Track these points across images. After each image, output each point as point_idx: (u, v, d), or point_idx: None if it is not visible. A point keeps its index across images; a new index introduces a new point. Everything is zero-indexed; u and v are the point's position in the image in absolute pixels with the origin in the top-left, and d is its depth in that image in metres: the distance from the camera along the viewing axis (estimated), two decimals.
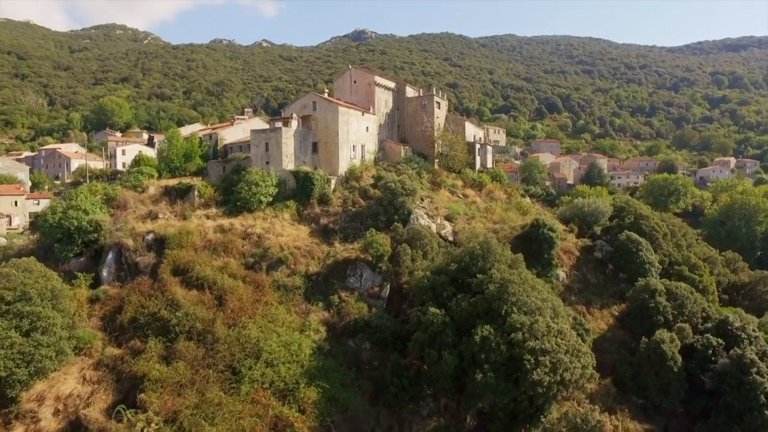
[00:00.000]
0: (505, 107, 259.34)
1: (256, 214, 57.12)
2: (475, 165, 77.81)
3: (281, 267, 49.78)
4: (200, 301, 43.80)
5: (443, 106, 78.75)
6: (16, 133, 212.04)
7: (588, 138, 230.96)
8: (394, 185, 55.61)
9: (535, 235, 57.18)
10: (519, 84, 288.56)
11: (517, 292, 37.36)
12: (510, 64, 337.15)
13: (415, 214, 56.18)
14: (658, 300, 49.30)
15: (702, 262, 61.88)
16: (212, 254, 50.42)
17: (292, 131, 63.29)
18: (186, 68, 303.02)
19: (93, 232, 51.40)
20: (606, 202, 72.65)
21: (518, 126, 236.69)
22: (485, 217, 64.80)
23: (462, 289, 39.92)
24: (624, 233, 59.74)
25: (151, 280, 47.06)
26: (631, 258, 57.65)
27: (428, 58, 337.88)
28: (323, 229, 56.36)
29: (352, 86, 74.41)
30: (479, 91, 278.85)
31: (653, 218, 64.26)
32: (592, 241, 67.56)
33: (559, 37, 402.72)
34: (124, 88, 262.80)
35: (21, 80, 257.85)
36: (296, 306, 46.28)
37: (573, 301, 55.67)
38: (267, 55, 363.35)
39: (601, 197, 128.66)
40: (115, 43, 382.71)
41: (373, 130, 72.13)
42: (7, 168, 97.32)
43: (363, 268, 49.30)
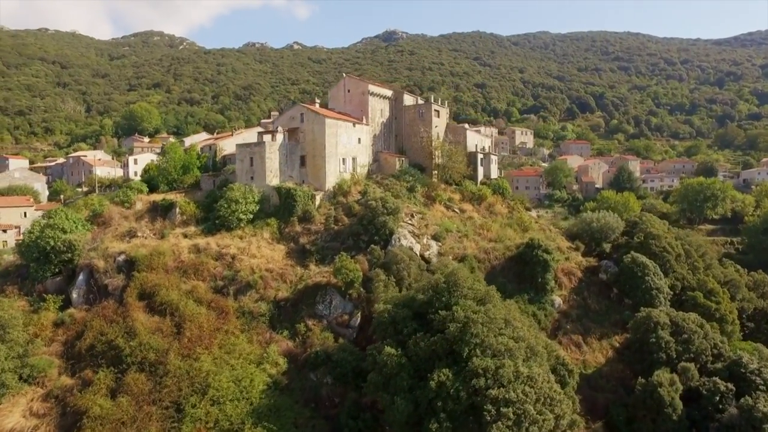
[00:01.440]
0: (535, 107, 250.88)
1: (235, 232, 55.38)
2: (477, 176, 73.65)
3: (250, 291, 47.68)
4: (159, 328, 42.19)
5: (443, 115, 74.96)
6: (54, 140, 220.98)
7: (621, 139, 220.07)
8: (375, 203, 52.56)
9: (529, 257, 52.94)
10: (550, 83, 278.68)
11: (481, 332, 33.68)
12: (542, 62, 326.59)
13: (397, 234, 52.94)
14: (660, 334, 44.18)
15: (720, 287, 55.77)
16: (182, 276, 48.89)
17: (276, 145, 61.23)
18: (216, 72, 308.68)
19: (66, 252, 50.82)
20: (617, 217, 66.99)
21: (547, 127, 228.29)
22: (480, 234, 60.79)
23: (425, 325, 36.55)
24: (630, 255, 54.48)
25: (116, 304, 45.89)
26: (636, 283, 52.41)
27: (458, 57, 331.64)
28: (301, 250, 53.99)
29: (345, 96, 71.75)
30: (509, 91, 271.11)
31: (666, 237, 58.42)
32: (599, 260, 62.44)
33: (594, 32, 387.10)
34: (155, 94, 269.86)
35: (62, 88, 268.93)
36: (260, 335, 44.02)
37: (568, 329, 51.11)
38: (296, 57, 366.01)
39: (627, 203, 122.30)
40: (152, 49, 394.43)
41: (366, 142, 69.23)
42: (24, 178, 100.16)
43: (333, 294, 46.54)
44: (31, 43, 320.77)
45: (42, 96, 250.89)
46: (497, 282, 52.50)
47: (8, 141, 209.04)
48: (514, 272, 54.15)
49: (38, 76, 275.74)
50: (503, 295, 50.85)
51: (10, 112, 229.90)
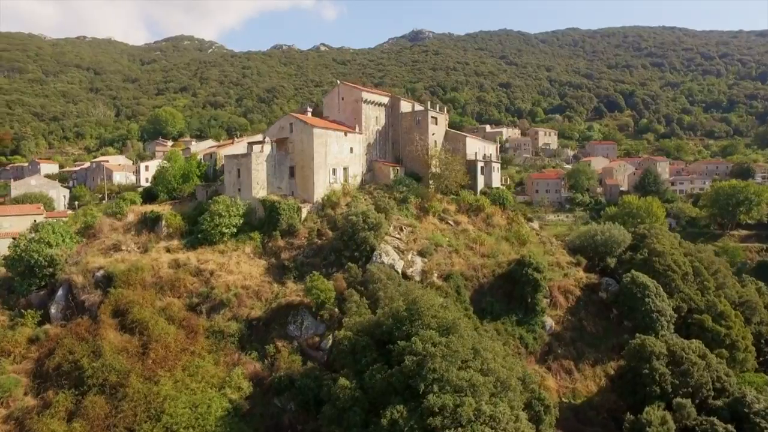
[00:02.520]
0: (561, 107, 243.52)
1: (218, 247, 54.47)
2: (477, 186, 70.66)
3: (223, 310, 46.58)
4: (125, 348, 41.52)
5: (441, 122, 72.26)
6: (85, 144, 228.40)
7: (651, 138, 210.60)
8: (355, 218, 50.62)
9: (519, 275, 49.95)
10: (578, 81, 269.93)
11: (440, 367, 31.29)
12: (570, 60, 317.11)
13: (379, 251, 50.87)
14: (655, 365, 40.56)
15: (733, 309, 51.30)
16: (158, 293, 48.26)
17: (264, 156, 60.11)
18: (241, 75, 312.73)
19: (48, 266, 51.02)
20: (623, 229, 62.83)
21: (573, 127, 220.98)
22: (472, 249, 57.99)
23: (386, 355, 34.40)
24: (629, 274, 50.69)
25: (90, 321, 45.57)
26: (635, 305, 48.67)
27: (483, 57, 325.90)
28: (282, 265, 52.58)
29: (340, 103, 70.06)
30: (534, 90, 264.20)
31: (673, 253, 54.16)
32: (601, 277, 58.75)
33: (627, 28, 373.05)
34: (182, 98, 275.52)
35: (95, 94, 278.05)
36: (228, 356, 42.83)
37: (559, 354, 47.93)
38: (321, 59, 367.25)
39: (650, 208, 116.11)
40: (182, 53, 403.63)
41: (359, 151, 67.33)
42: (40, 186, 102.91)
43: (304, 314, 44.92)
44: (68, 51, 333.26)
45: (75, 102, 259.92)
46: (484, 301, 50.04)
47: (42, 146, 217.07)
48: (503, 291, 51.28)
49: (73, 83, 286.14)
50: (490, 315, 48.51)
51: (45, 117, 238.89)
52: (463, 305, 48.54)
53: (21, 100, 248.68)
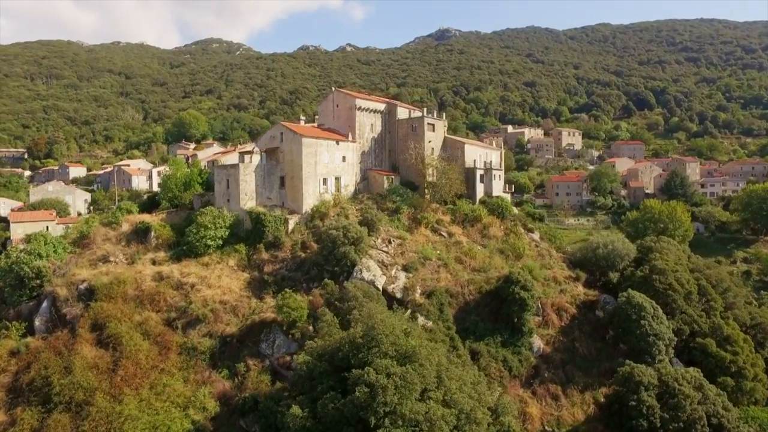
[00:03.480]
0: (587, 106, 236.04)
1: (202, 259, 54.12)
2: (475, 194, 68.19)
3: (199, 325, 46.07)
4: (96, 364, 41.45)
5: (439, 128, 70.03)
6: (113, 147, 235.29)
7: (682, 137, 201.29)
8: (335, 232, 49.25)
9: (506, 293, 47.54)
10: (606, 78, 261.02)
11: (392, 400, 29.58)
12: (600, 56, 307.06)
13: (360, 265, 49.38)
14: (643, 397, 37.61)
15: (742, 333, 47.40)
16: (138, 306, 48.17)
17: (252, 167, 59.48)
18: (266, 77, 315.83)
19: (35, 278, 51.71)
20: (627, 241, 59.38)
21: (599, 126, 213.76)
22: (463, 262, 55.78)
23: (343, 383, 32.90)
24: (625, 293, 47.51)
25: (69, 335, 45.83)
26: (630, 327, 45.51)
27: (509, 55, 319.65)
28: (263, 279, 51.77)
29: (334, 110, 68.84)
30: (560, 89, 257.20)
31: (677, 270, 50.52)
32: (602, 293, 55.62)
33: (661, 22, 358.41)
34: (207, 100, 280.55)
35: (125, 98, 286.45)
36: (198, 374, 42.23)
37: (546, 378, 45.28)
38: (345, 59, 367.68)
39: (674, 213, 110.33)
40: (210, 56, 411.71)
41: (353, 160, 65.94)
42: (57, 192, 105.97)
43: (276, 332, 43.89)
44: (102, 57, 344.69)
45: (106, 106, 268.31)
46: (469, 320, 47.95)
47: (74, 149, 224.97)
48: (490, 309, 48.95)
49: (105, 87, 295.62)
50: (473, 336, 46.39)
51: (77, 121, 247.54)
52: (445, 324, 46.56)
53: (56, 105, 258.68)
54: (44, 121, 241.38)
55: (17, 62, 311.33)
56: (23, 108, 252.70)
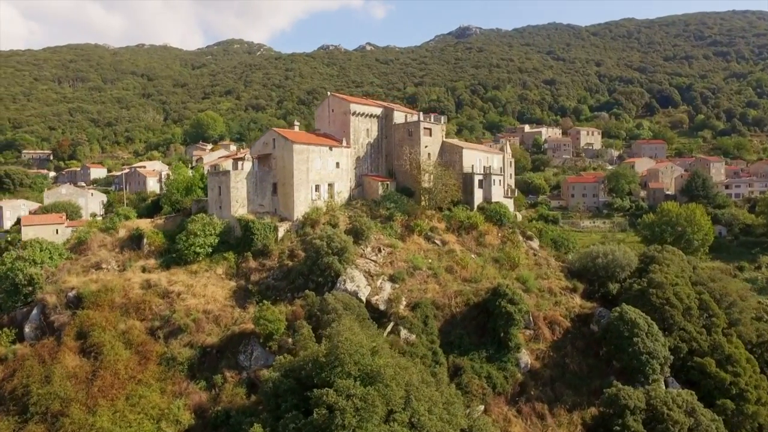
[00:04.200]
0: (608, 104, 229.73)
1: (190, 267, 54.10)
2: (473, 201, 66.47)
3: (181, 335, 45.94)
4: (75, 374, 41.69)
5: (436, 133, 68.52)
6: (134, 148, 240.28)
7: (708, 136, 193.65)
8: (319, 242, 48.47)
9: (493, 306, 45.98)
10: (629, 75, 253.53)
11: (351, 423, 28.59)
12: (623, 53, 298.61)
13: (344, 276, 48.49)
14: (628, 422, 35.72)
15: (747, 352, 44.72)
16: (124, 315, 48.38)
17: (243, 173, 59.20)
18: (284, 78, 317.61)
19: (28, 285, 52.48)
20: (628, 251, 56.90)
21: (620, 125, 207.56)
22: (454, 272, 54.30)
23: (308, 401, 32.06)
24: (618, 308, 45.34)
25: (55, 342, 46.31)
26: (622, 345, 43.38)
27: (529, 52, 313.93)
28: (248, 289, 51.37)
29: (330, 116, 68.07)
30: (581, 87, 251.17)
31: (676, 284, 47.96)
32: (600, 305, 53.45)
33: (690, 15, 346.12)
34: (226, 101, 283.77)
35: (146, 99, 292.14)
36: (176, 385, 42.08)
37: (533, 395, 43.54)
38: (364, 59, 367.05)
39: (692, 217, 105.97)
40: (231, 57, 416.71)
41: (347, 165, 65.05)
42: (69, 194, 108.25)
43: (255, 345, 43.40)
44: (126, 59, 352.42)
45: (128, 107, 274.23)
46: (454, 334, 46.64)
47: (96, 150, 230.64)
48: (476, 323, 47.45)
49: (128, 89, 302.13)
50: (458, 350, 45.05)
51: (101, 123, 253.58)
52: (429, 338, 45.30)
53: (81, 108, 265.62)
54: (69, 123, 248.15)
55: (47, 66, 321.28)
56: (50, 111, 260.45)
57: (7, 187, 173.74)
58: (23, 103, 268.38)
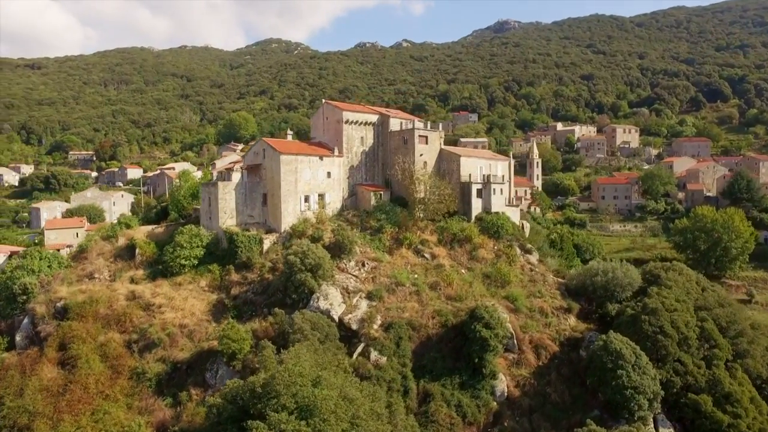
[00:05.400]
0: (650, 99, 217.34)
1: (176, 279, 54.46)
2: (471, 211, 63.72)
3: (155, 349, 46.19)
4: (48, 387, 42.58)
5: (433, 140, 66.01)
6: (171, 148, 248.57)
7: (761, 132, 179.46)
8: (293, 258, 47.47)
9: (468, 330, 43.61)
10: (675, 68, 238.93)
11: None
12: (670, 44, 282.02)
13: (319, 293, 47.32)
14: None
15: (750, 390, 40.28)
16: (105, 327, 49.16)
17: (232, 185, 59.06)
18: (317, 77, 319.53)
19: (22, 294, 54.32)
20: (631, 268, 52.71)
21: (661, 122, 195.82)
22: (439, 290, 52.04)
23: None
24: (603, 337, 41.86)
25: (39, 353, 47.61)
26: (605, 378, 40.02)
27: (568, 46, 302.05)
28: (230, 301, 51.10)
29: (324, 124, 66.93)
30: (621, 81, 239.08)
31: (674, 309, 43.76)
32: (596, 326, 49.96)
33: (748, 0, 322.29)
34: (260, 101, 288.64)
35: (184, 100, 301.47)
36: (143, 400, 42.27)
37: (506, 427, 40.98)
38: (398, 56, 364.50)
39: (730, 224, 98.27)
40: (269, 56, 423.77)
41: (339, 175, 63.75)
42: (94, 198, 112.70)
43: (220, 363, 42.94)
44: (167, 61, 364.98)
45: (167, 108, 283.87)
46: (428, 357, 44.74)
47: (135, 151, 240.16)
48: (453, 346, 45.13)
49: (167, 90, 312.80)
50: (429, 375, 43.01)
51: (141, 124, 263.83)
52: (401, 361, 43.47)
53: (123, 110, 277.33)
54: (112, 124, 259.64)
55: (95, 70, 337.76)
56: (95, 113, 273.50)
57: (52, 187, 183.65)
58: (72, 106, 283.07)
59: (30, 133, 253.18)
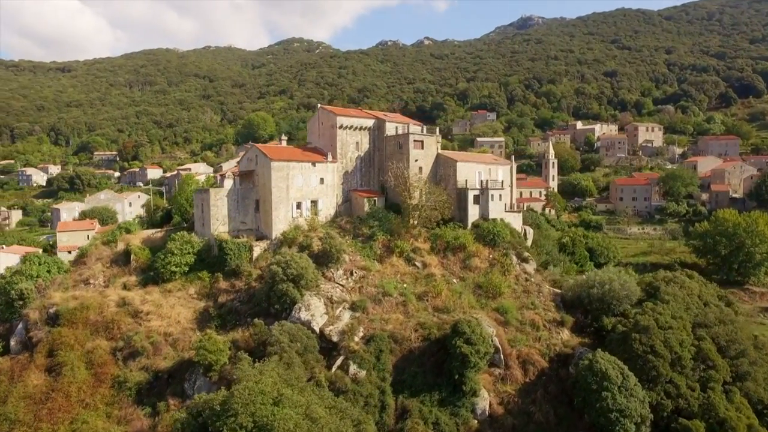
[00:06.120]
0: (676, 96, 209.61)
1: (166, 285, 54.69)
2: (467, 218, 62.08)
3: (139, 357, 46.42)
4: (32, 394, 43.20)
5: (429, 145, 64.50)
6: (191, 148, 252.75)
7: None
8: (275, 268, 46.96)
9: (449, 345, 42.30)
10: (704, 63, 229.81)
11: None
12: (700, 37, 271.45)
13: (301, 304, 46.69)
14: None
15: (748, 416, 37.77)
16: (93, 334, 49.69)
17: (224, 191, 59.03)
18: (337, 76, 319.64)
19: (18, 299, 55.43)
20: (630, 280, 50.32)
21: (687, 119, 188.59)
22: (426, 301, 50.78)
23: None
24: (588, 357, 39.89)
25: (29, 359, 48.43)
26: (589, 399, 38.13)
27: (591, 42, 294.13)
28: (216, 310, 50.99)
29: (319, 128, 66.26)
30: (646, 78, 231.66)
31: (669, 327, 41.34)
32: (592, 341, 47.95)
33: None
34: (279, 100, 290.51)
35: (206, 100, 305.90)
36: (123, 410, 42.46)
37: None
38: (418, 55, 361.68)
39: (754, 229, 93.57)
40: (291, 56, 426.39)
41: (333, 181, 63.02)
42: (107, 200, 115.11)
43: (198, 373, 42.76)
44: (190, 62, 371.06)
45: (188, 108, 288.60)
46: (409, 372, 43.66)
47: (156, 151, 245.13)
48: (435, 361, 43.85)
49: (189, 91, 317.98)
50: (408, 390, 41.90)
51: (163, 124, 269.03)
52: (380, 375, 42.49)
53: (146, 110, 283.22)
54: (135, 125, 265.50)
55: (121, 72, 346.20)
56: (120, 114, 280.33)
57: (77, 187, 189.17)
58: (98, 107, 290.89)
59: (58, 134, 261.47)
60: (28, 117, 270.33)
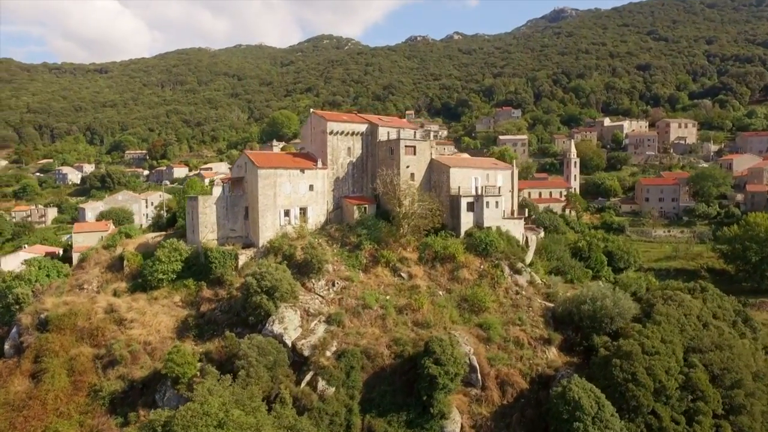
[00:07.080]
0: (714, 89, 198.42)
1: (153, 293, 55.11)
2: (460, 226, 59.91)
3: (117, 366, 46.83)
4: (10, 401, 44.19)
5: (423, 150, 62.50)
6: (218, 147, 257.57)
7: None
8: (249, 279, 46.40)
9: (419, 364, 40.69)
10: (749, 53, 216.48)
11: None
12: (746, 26, 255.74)
13: (275, 316, 45.99)
14: None
15: None
16: (78, 340, 50.54)
17: (213, 199, 58.99)
18: (363, 73, 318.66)
19: (15, 303, 57.13)
20: (627, 298, 47.16)
21: (725, 114, 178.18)
22: (407, 314, 49.15)
23: None
24: (561, 384, 37.42)
25: (17, 364, 49.71)
26: (560, 429, 35.77)
27: (626, 34, 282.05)
28: (197, 319, 50.99)
29: (312, 134, 65.34)
30: (682, 70, 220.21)
31: (656, 353, 38.26)
32: (581, 360, 45.38)
33: None
34: (305, 98, 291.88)
35: (234, 99, 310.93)
36: (95, 419, 42.91)
37: None
38: (446, 50, 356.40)
39: None
40: (320, 53, 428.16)
41: (323, 188, 62.00)
42: (124, 201, 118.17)
43: (167, 386, 42.69)
44: (220, 61, 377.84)
45: (217, 107, 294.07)
46: (378, 390, 42.23)
47: (184, 150, 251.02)
48: (406, 379, 42.28)
49: (218, 90, 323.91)
50: (376, 410, 40.63)
51: (191, 123, 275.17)
52: (349, 392, 41.32)
53: (176, 109, 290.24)
54: (165, 124, 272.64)
55: (154, 72, 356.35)
56: (151, 113, 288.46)
57: (107, 185, 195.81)
58: (131, 107, 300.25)
59: (93, 133, 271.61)
60: (67, 117, 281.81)
